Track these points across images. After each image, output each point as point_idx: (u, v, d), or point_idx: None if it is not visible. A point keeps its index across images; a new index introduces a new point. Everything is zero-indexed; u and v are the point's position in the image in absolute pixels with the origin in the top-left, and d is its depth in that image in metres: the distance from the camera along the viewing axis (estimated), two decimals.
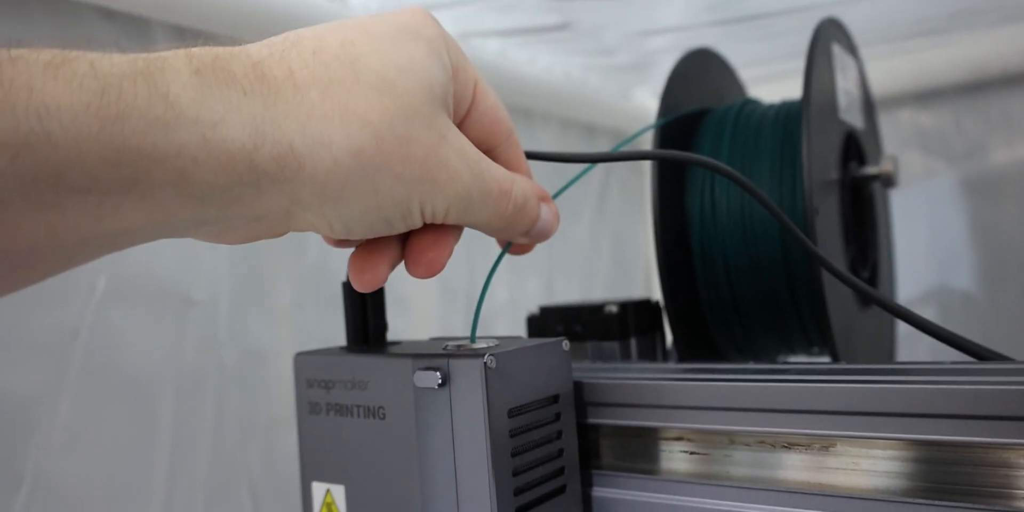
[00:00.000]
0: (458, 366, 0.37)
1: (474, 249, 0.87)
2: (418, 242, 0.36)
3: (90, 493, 0.52)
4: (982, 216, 1.03)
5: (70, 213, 0.24)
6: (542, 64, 0.92)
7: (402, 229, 0.33)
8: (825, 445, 0.36)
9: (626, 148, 0.46)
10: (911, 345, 0.90)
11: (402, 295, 0.77)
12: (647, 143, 1.14)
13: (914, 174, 1.06)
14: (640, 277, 1.19)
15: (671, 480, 0.41)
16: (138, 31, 0.57)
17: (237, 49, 0.29)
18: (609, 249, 1.12)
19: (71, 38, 0.54)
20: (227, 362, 0.60)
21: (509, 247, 0.42)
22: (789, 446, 0.37)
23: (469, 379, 0.37)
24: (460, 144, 0.33)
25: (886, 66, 0.95)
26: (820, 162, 0.54)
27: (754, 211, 0.55)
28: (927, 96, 1.03)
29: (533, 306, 0.59)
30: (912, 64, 0.98)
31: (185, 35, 0.60)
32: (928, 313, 1.05)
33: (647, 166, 1.21)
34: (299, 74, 0.29)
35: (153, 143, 0.25)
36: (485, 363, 0.36)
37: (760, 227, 0.54)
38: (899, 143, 1.07)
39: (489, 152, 0.37)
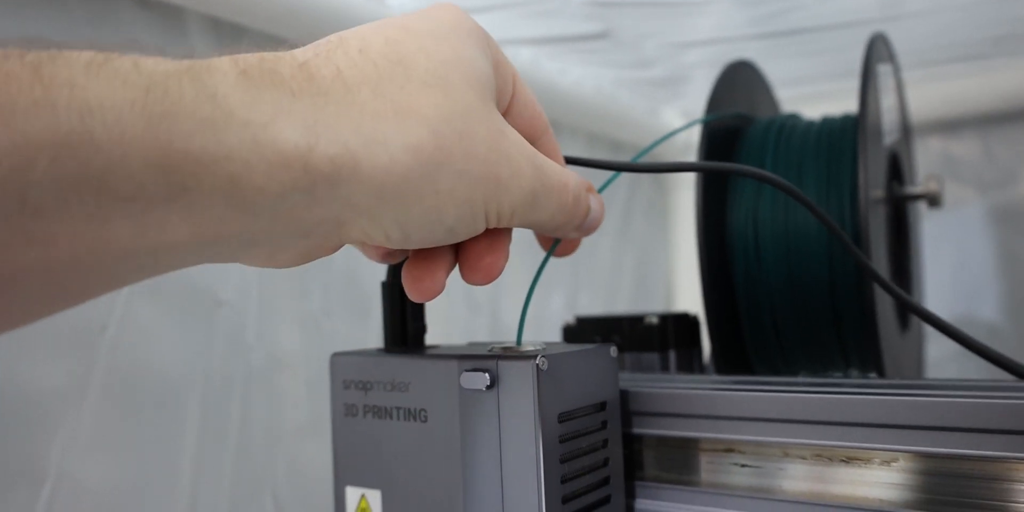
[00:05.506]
0: (508, 368, 0.36)
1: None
2: (474, 247, 0.34)
3: (113, 493, 0.51)
4: (1011, 246, 1.02)
5: (113, 224, 0.22)
6: (573, 76, 0.92)
7: (463, 236, 0.31)
8: (887, 460, 0.35)
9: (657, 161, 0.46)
10: (938, 370, 0.89)
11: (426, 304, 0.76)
12: (670, 155, 1.14)
13: (943, 202, 1.05)
14: (660, 295, 1.18)
15: (719, 493, 0.39)
16: (173, 21, 0.57)
17: (281, 52, 0.28)
18: (631, 267, 1.11)
19: (108, 26, 0.53)
20: (254, 365, 0.59)
21: (555, 247, 0.41)
22: (848, 460, 0.36)
23: (519, 381, 0.36)
24: (517, 138, 0.32)
25: (918, 92, 0.94)
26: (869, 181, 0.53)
27: (799, 227, 0.54)
28: (958, 124, 1.03)
29: (557, 322, 0.58)
30: (944, 91, 0.97)
31: (220, 27, 0.60)
32: (951, 343, 1.04)
33: (672, 184, 1.21)
34: (347, 73, 0.27)
35: (202, 146, 0.23)
36: (537, 365, 0.35)
37: (805, 244, 0.53)
38: (928, 170, 1.06)
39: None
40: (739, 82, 0.65)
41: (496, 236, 0.35)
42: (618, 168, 0.41)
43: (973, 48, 0.82)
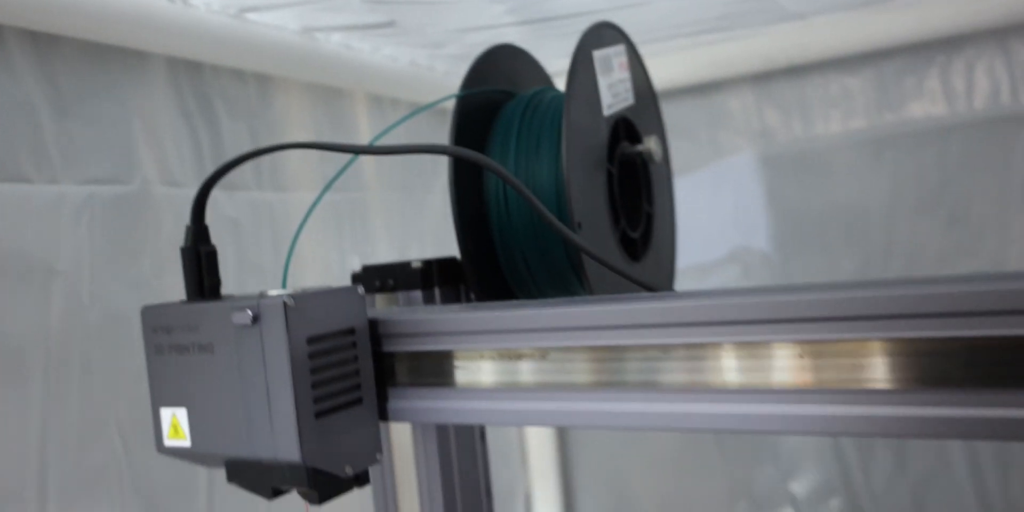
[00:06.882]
0: (266, 306, 0.48)
1: (343, 222, 0.98)
2: None
3: None
4: (777, 188, 1.19)
5: None
6: (386, 53, 1.02)
7: None
8: (543, 354, 0.49)
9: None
10: None
11: (259, 264, 0.87)
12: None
13: (723, 151, 1.22)
14: None
15: (445, 388, 0.53)
16: None
17: None
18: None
19: None
20: (91, 323, 0.69)
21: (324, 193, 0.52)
22: (519, 356, 0.50)
23: (274, 315, 0.48)
24: None
25: (686, 57, 1.09)
26: (589, 147, 0.67)
27: (536, 185, 0.68)
28: (730, 82, 1.19)
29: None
30: (712, 55, 1.13)
31: (38, 38, 0.68)
32: (732, 270, 1.22)
33: None
34: None
35: None
36: (285, 302, 0.48)
37: (542, 199, 0.67)
38: (710, 124, 1.22)
39: None
40: (502, 61, 0.77)
41: None
42: (355, 151, 0.53)
43: (705, 24, 0.96)
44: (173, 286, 0.76)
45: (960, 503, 1.13)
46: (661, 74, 0.89)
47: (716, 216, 1.22)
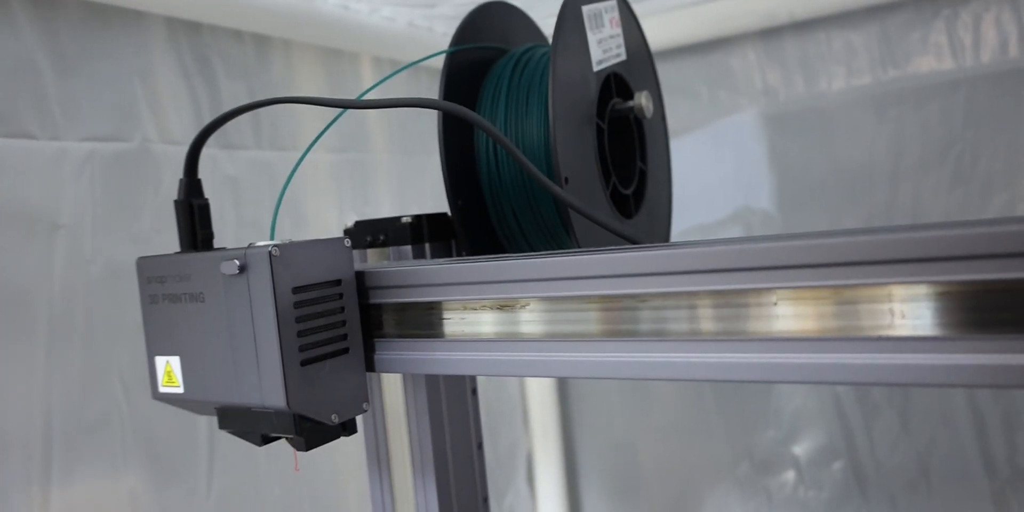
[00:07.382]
0: (252, 255, 0.50)
1: (345, 183, 0.99)
2: None
3: None
4: (778, 146, 1.19)
5: None
6: (385, 13, 1.02)
7: None
8: (524, 304, 0.50)
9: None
10: None
11: (258, 222, 0.89)
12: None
13: (724, 110, 1.21)
14: None
15: (434, 340, 0.54)
16: None
17: None
18: None
19: None
20: (94, 275, 0.71)
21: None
22: (502, 307, 0.51)
23: (260, 265, 0.49)
24: None
25: (686, 14, 1.08)
26: (577, 102, 0.67)
27: (527, 143, 0.68)
28: (730, 40, 1.18)
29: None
30: (712, 12, 1.12)
31: None
32: (735, 230, 1.22)
33: None
34: None
35: None
36: (270, 252, 0.49)
37: (532, 157, 0.67)
38: (711, 82, 1.21)
39: None
40: (494, 18, 0.77)
41: None
42: (342, 105, 0.54)
43: None
44: (172, 241, 0.78)
45: (965, 467, 1.13)
46: (660, 33, 0.89)
47: (718, 176, 1.22)
